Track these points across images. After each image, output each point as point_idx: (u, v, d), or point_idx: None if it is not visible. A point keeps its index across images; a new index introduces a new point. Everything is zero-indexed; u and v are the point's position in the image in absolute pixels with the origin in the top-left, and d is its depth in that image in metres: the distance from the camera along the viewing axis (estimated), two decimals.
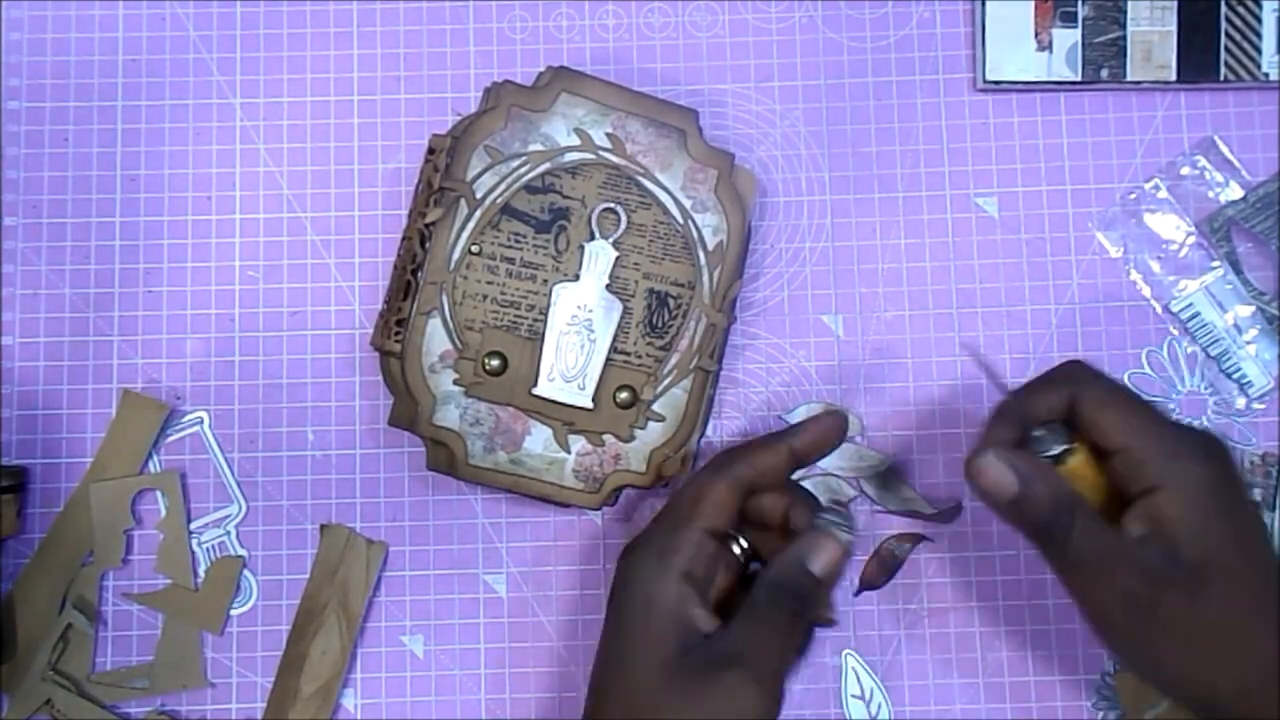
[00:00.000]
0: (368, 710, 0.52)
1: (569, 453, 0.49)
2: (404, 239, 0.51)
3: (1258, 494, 0.52)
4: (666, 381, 0.50)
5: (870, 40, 0.55)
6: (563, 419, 0.49)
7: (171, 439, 0.53)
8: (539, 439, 0.49)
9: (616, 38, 0.55)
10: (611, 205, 0.49)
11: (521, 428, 0.49)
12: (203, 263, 0.54)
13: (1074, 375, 0.44)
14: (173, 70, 0.55)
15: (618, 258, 0.49)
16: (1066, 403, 0.43)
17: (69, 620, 0.51)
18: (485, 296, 0.49)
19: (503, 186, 0.49)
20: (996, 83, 0.54)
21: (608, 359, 0.49)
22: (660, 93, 0.54)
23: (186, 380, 0.53)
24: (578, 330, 0.49)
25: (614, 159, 0.50)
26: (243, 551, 0.52)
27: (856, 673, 0.52)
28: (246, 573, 0.52)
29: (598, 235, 0.49)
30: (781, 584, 0.42)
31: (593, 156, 0.49)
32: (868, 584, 0.52)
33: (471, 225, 0.49)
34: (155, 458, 0.53)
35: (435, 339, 0.49)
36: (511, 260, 0.49)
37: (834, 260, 0.54)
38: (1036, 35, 0.54)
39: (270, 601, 0.52)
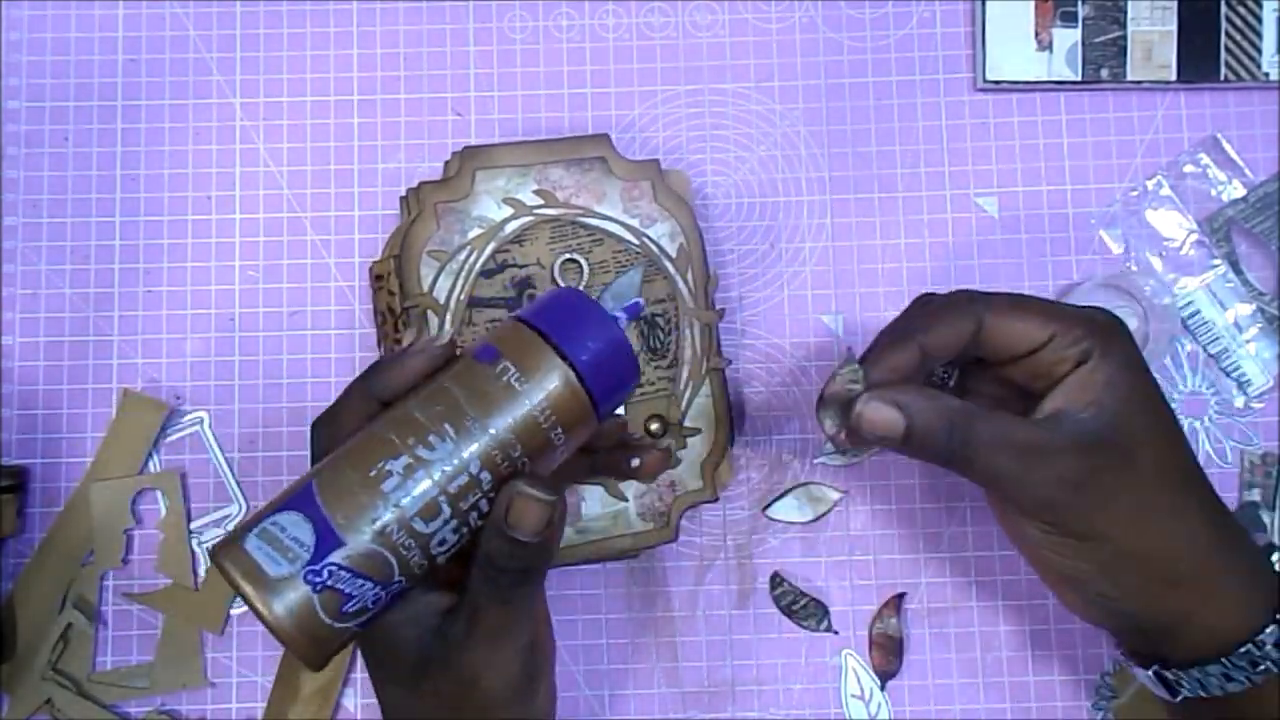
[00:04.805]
0: (368, 710, 0.52)
1: (627, 500, 0.49)
2: None
3: (1258, 494, 0.52)
4: (687, 395, 0.50)
5: (870, 40, 0.55)
6: None
7: (171, 439, 0.53)
8: (594, 501, 0.49)
9: (616, 38, 0.55)
10: (568, 256, 0.49)
11: (574, 498, 0.49)
12: (203, 263, 0.54)
13: (970, 297, 0.42)
14: (173, 70, 0.55)
15: None
16: (973, 326, 0.41)
17: (69, 620, 0.51)
18: None
19: (460, 283, 0.49)
20: (996, 82, 0.54)
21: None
22: (660, 93, 0.54)
23: (186, 380, 0.53)
24: None
25: (550, 211, 0.50)
26: None
27: (856, 673, 0.52)
28: None
29: None
30: (495, 566, 0.37)
31: (530, 218, 0.49)
32: (886, 675, 0.52)
33: (448, 331, 0.49)
34: (155, 458, 0.53)
35: None
36: None
37: (834, 260, 0.54)
38: (1037, 35, 0.54)
39: None
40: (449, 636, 0.38)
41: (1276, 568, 0.42)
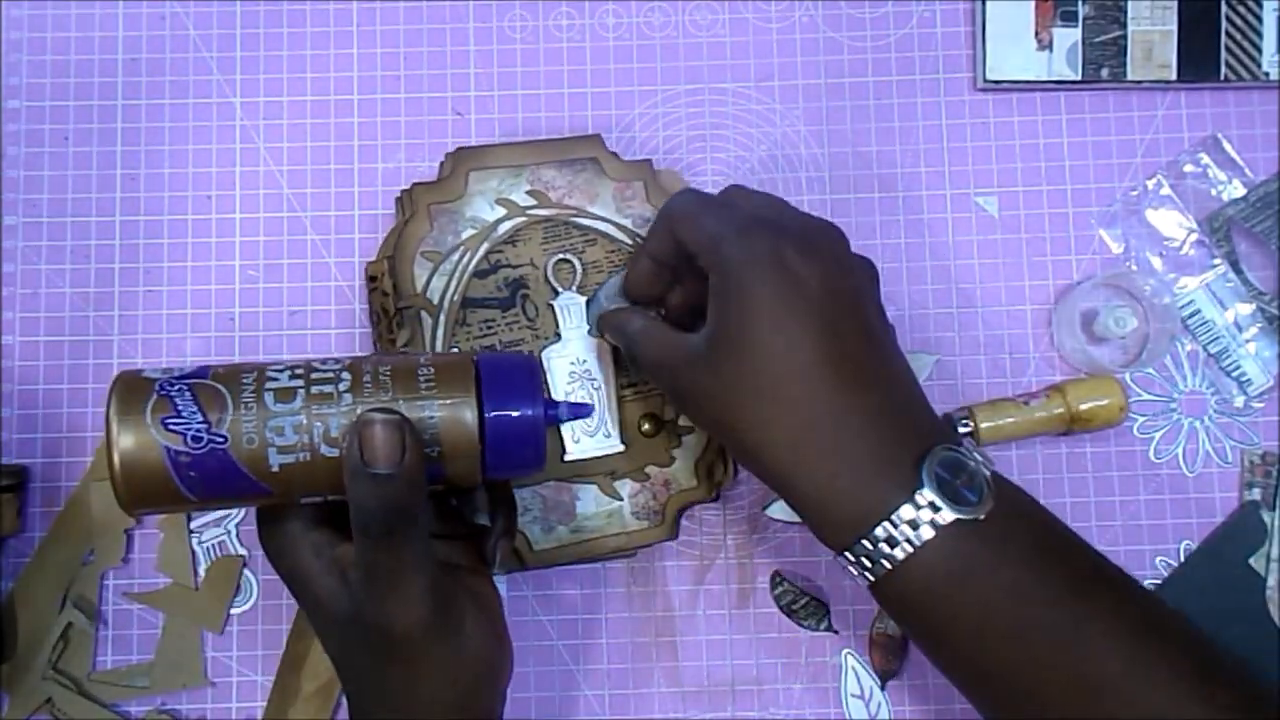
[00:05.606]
0: None
1: (621, 499, 0.49)
2: None
3: (1258, 494, 0.52)
4: None
5: (870, 40, 0.55)
6: (603, 471, 0.49)
7: None
8: (589, 499, 0.49)
9: (616, 37, 0.55)
10: (561, 256, 0.49)
11: (569, 497, 0.49)
12: (203, 262, 0.54)
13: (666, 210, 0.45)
14: (173, 70, 0.55)
15: (587, 301, 0.49)
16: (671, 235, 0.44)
17: (69, 619, 0.51)
18: None
19: (454, 283, 0.49)
20: (997, 82, 0.54)
21: (619, 398, 0.49)
22: (660, 93, 0.54)
23: None
24: (581, 384, 0.49)
25: (543, 212, 0.50)
26: (243, 551, 0.52)
27: (856, 673, 0.52)
28: (246, 572, 0.52)
29: (560, 290, 0.49)
30: (366, 511, 0.37)
31: (523, 218, 0.49)
32: (886, 675, 0.52)
33: (441, 332, 0.49)
34: None
35: None
36: (492, 347, 0.49)
37: None
38: (1037, 34, 0.54)
39: (270, 600, 0.52)
40: (352, 587, 0.39)
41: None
